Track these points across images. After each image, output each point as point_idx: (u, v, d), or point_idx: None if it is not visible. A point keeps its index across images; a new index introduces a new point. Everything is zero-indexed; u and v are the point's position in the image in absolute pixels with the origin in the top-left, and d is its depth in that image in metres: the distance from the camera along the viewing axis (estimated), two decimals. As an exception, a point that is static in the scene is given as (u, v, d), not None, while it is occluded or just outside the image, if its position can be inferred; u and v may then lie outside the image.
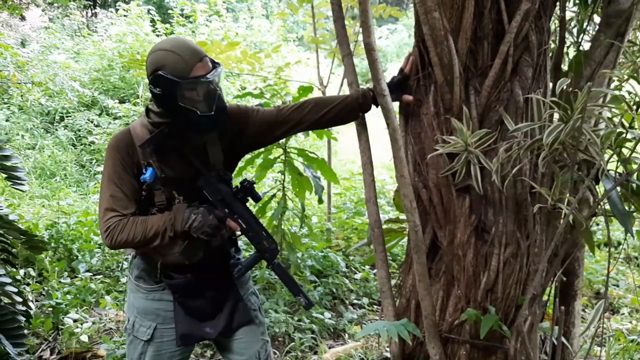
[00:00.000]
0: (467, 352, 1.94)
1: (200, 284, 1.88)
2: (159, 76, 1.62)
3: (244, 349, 1.94)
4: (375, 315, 3.72)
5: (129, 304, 1.93)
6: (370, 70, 1.71)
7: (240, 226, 1.77)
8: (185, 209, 1.70)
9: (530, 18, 1.80)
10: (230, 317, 1.93)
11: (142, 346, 1.88)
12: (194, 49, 1.67)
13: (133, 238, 1.66)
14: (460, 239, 1.88)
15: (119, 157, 1.71)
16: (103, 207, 1.71)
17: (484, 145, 1.76)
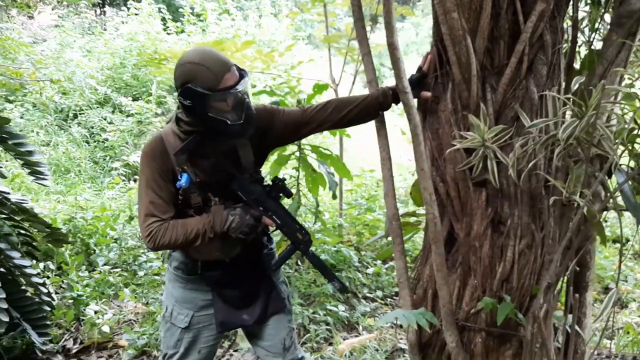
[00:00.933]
0: (483, 340, 2.01)
1: (237, 275, 1.97)
2: (189, 89, 1.67)
3: (271, 335, 2.04)
4: (388, 308, 3.80)
5: (167, 293, 2.02)
6: (393, 68, 1.79)
7: (275, 222, 1.86)
8: (223, 211, 1.79)
9: (545, 18, 1.86)
10: (265, 305, 2.03)
11: (179, 333, 1.99)
12: (221, 60, 1.72)
13: (175, 241, 1.75)
14: (476, 230, 1.95)
15: (154, 165, 1.78)
16: (143, 213, 1.78)
17: (500, 140, 1.83)
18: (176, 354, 2.02)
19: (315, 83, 3.60)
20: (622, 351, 2.82)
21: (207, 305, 1.99)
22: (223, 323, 1.99)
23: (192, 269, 1.95)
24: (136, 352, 3.16)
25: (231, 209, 1.82)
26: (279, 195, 1.91)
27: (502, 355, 2.01)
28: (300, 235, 1.90)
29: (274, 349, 2.07)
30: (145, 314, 3.60)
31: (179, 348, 2.01)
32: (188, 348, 2.01)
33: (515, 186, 1.88)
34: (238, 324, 2.03)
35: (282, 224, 1.88)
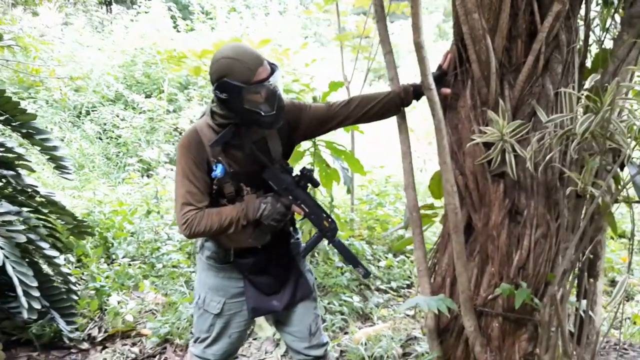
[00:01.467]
0: (500, 325, 2.12)
1: (267, 263, 2.07)
2: (225, 83, 1.78)
3: (298, 320, 2.14)
4: (400, 299, 3.90)
5: (200, 281, 2.12)
6: (419, 66, 1.89)
7: (303, 211, 1.96)
8: (256, 199, 1.90)
9: (560, 18, 1.96)
10: (293, 291, 2.12)
11: (211, 319, 2.09)
12: (255, 54, 1.82)
13: (210, 228, 1.85)
14: (494, 221, 2.06)
15: (190, 156, 1.88)
16: (180, 202, 1.88)
17: (518, 135, 1.93)
18: (208, 337, 2.12)
19: (331, 81, 3.70)
20: (629, 339, 2.93)
21: (239, 293, 2.09)
22: (255, 309, 2.09)
23: (225, 258, 2.05)
24: (159, 339, 3.27)
25: (263, 198, 1.92)
26: (307, 185, 2.01)
27: (518, 339, 2.12)
28: (327, 223, 2.00)
29: (300, 334, 2.17)
30: (165, 304, 3.71)
31: (211, 333, 2.11)
32: (219, 333, 2.11)
33: (532, 178, 1.98)
34: (268, 310, 2.12)
35: (310, 212, 1.98)
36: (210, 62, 1.88)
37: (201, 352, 2.15)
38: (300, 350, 2.18)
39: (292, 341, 2.19)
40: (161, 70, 7.44)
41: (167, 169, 5.55)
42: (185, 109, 7.32)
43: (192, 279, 4.01)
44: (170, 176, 5.49)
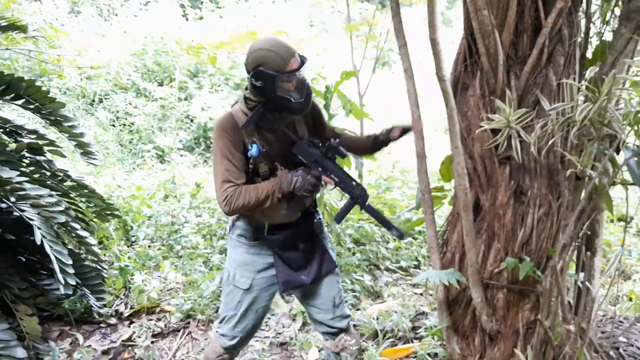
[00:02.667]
0: (505, 296, 2.32)
1: (295, 239, 2.24)
2: (261, 72, 1.95)
3: (323, 293, 2.31)
4: (409, 278, 4.10)
5: (230, 259, 2.29)
6: (434, 60, 2.07)
7: (333, 180, 2.10)
8: (288, 173, 2.06)
9: (563, 14, 2.13)
10: (319, 266, 2.29)
11: (240, 294, 2.25)
12: (287, 47, 2.00)
13: (248, 202, 2.01)
14: (500, 200, 2.24)
15: (227, 137, 2.04)
16: (220, 180, 2.04)
17: (523, 122, 2.11)
18: (235, 315, 2.27)
19: (343, 70, 3.87)
20: (624, 313, 3.13)
21: (266, 268, 2.25)
22: (285, 282, 2.24)
23: (256, 234, 2.21)
24: (182, 315, 3.48)
25: (294, 172, 2.08)
26: (334, 156, 2.15)
27: (522, 309, 2.32)
28: (357, 190, 2.13)
29: (325, 306, 2.33)
30: (185, 283, 3.92)
31: (239, 309, 2.26)
32: (247, 309, 2.27)
33: (535, 161, 2.16)
34: (298, 283, 2.26)
35: (340, 181, 2.12)
36: (247, 52, 2.04)
37: (229, 331, 2.30)
38: (325, 322, 2.34)
39: (317, 313, 2.35)
40: (172, 58, 7.59)
41: (182, 155, 5.73)
42: (196, 97, 7.48)
43: (210, 260, 4.22)
44: (184, 162, 5.67)
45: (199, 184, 5.14)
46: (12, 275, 3.14)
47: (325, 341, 2.44)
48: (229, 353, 2.38)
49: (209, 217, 4.81)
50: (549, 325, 2.00)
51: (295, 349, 3.15)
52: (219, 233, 4.63)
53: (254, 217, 2.18)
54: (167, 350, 3.19)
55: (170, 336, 3.34)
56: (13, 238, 3.36)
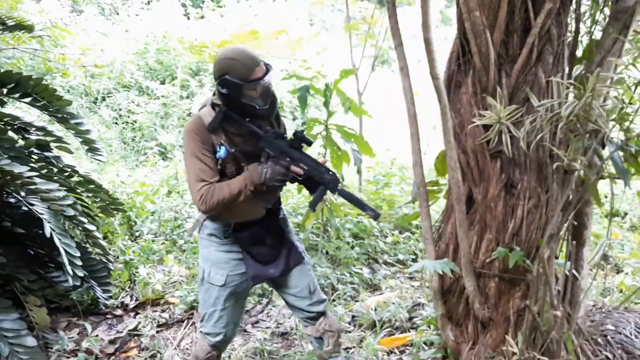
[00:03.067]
0: (496, 284, 2.42)
1: (262, 235, 2.33)
2: (226, 80, 2.04)
3: (296, 282, 2.40)
4: (406, 272, 4.21)
5: (203, 258, 2.35)
6: (427, 59, 2.17)
7: (302, 169, 2.16)
8: (257, 166, 2.14)
9: (552, 15, 2.23)
10: (287, 259, 2.38)
11: (217, 291, 2.32)
12: (252, 56, 2.09)
13: (223, 199, 2.08)
14: (492, 193, 2.35)
15: (197, 138, 2.10)
16: (193, 180, 2.10)
17: (513, 118, 2.20)
18: (215, 311, 2.35)
19: (342, 69, 3.97)
20: (615, 303, 3.23)
21: (238, 264, 2.32)
22: (255, 276, 2.33)
23: (225, 233, 2.28)
24: (186, 307, 3.58)
25: (264, 164, 2.16)
26: (301, 145, 2.23)
27: (512, 296, 2.42)
28: (327, 176, 2.19)
29: (302, 294, 2.42)
30: (189, 276, 4.02)
31: (217, 305, 2.34)
32: (224, 304, 2.34)
33: (525, 156, 2.26)
34: (267, 276, 2.36)
35: (309, 169, 2.18)
36: (215, 61, 2.13)
37: (212, 328, 2.38)
38: (304, 307, 2.44)
39: (295, 301, 2.44)
40: (174, 57, 7.68)
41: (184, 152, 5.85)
42: (197, 95, 7.58)
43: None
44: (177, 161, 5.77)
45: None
46: (21, 268, 3.25)
47: (306, 328, 2.53)
48: (217, 349, 2.46)
49: (211, 213, 4.91)
50: (537, 311, 2.10)
51: (296, 338, 3.26)
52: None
53: (222, 216, 2.24)
54: (172, 339, 3.29)
55: (174, 327, 3.45)
56: (22, 231, 3.47)
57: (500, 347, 2.43)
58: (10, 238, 3.33)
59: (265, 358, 3.06)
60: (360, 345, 3.13)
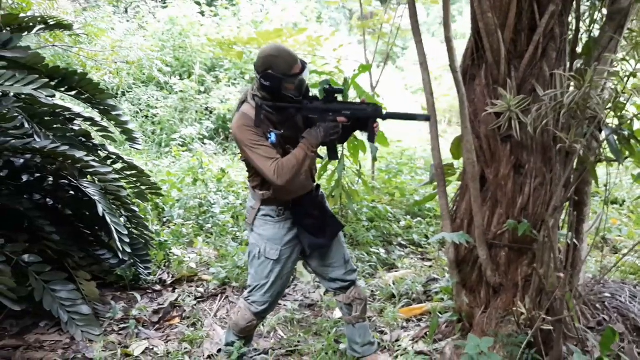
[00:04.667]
0: (506, 254, 2.74)
1: (310, 209, 2.66)
2: (269, 74, 2.35)
3: (335, 252, 2.73)
4: (421, 250, 4.54)
5: (257, 237, 2.63)
6: (448, 55, 2.48)
7: (345, 116, 2.45)
8: (311, 131, 2.44)
9: (555, 16, 2.54)
10: (331, 228, 2.71)
11: (271, 265, 2.62)
12: (292, 54, 2.40)
13: (292, 168, 2.39)
14: (502, 173, 2.67)
15: (251, 130, 2.41)
16: (262, 163, 2.39)
17: (522, 106, 2.52)
18: (267, 283, 2.64)
19: (360, 64, 4.29)
20: (612, 277, 3.56)
21: (291, 239, 2.63)
22: (311, 245, 2.65)
23: (279, 212, 2.60)
24: (219, 283, 3.91)
25: (315, 128, 2.45)
26: (335, 97, 2.50)
27: (520, 264, 2.74)
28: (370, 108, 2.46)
29: (338, 263, 2.75)
30: (218, 256, 4.36)
31: (270, 277, 2.64)
32: (277, 276, 2.65)
33: (532, 139, 2.58)
34: (321, 245, 2.68)
35: (351, 113, 2.46)
36: (258, 57, 2.43)
37: (260, 298, 2.67)
38: (340, 277, 2.76)
39: (332, 271, 2.75)
40: (191, 54, 8.00)
41: (205, 144, 6.17)
42: (214, 90, 7.91)
43: (238, 237, 4.65)
44: (207, 150, 6.09)
45: (224, 169, 5.57)
46: (72, 246, 3.57)
47: (337, 296, 2.84)
48: (259, 317, 2.75)
49: (235, 199, 5.24)
50: (543, 274, 2.42)
51: (322, 309, 3.59)
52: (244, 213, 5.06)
53: (280, 196, 2.56)
54: (209, 311, 3.62)
55: (209, 300, 3.78)
56: (70, 213, 3.80)
57: (509, 310, 2.75)
58: (62, 219, 3.65)
59: (295, 326, 3.39)
60: (381, 315, 3.45)
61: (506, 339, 2.60)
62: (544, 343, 2.59)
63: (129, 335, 3.26)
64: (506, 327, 2.71)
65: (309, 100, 2.50)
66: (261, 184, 2.60)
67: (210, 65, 8.28)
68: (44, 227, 3.32)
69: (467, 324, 2.97)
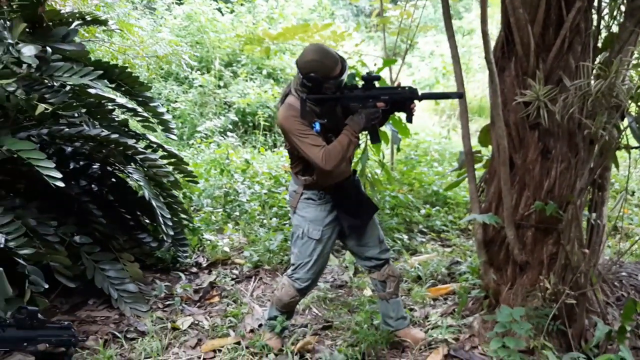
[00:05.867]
0: (533, 233, 2.94)
1: (348, 192, 2.87)
2: (312, 77, 2.54)
3: (371, 232, 2.94)
4: (439, 240, 4.75)
5: (300, 219, 2.83)
6: (484, 47, 2.69)
7: (384, 101, 2.64)
8: (353, 118, 2.64)
9: (581, 12, 2.74)
10: (367, 211, 2.92)
11: (313, 244, 2.83)
12: (334, 57, 2.57)
13: (339, 154, 2.59)
14: (530, 158, 2.87)
15: (298, 120, 2.61)
16: (310, 150, 2.59)
17: (549, 96, 2.71)
18: (310, 261, 2.85)
19: (385, 58, 4.49)
20: (627, 259, 3.77)
21: (331, 221, 2.84)
22: (350, 226, 2.86)
23: (321, 195, 2.81)
24: (252, 265, 4.13)
25: (356, 114, 2.64)
26: (373, 84, 2.69)
27: (546, 243, 2.94)
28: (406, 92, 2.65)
29: (373, 242, 2.96)
30: (248, 242, 4.57)
31: (313, 256, 2.84)
32: (319, 255, 2.85)
33: (558, 126, 2.78)
34: (358, 225, 2.89)
35: (389, 97, 2.66)
36: (302, 59, 2.59)
37: (303, 275, 2.87)
38: (375, 256, 2.96)
39: (368, 250, 2.96)
40: (209, 50, 8.20)
41: (229, 136, 6.38)
42: (232, 84, 8.12)
43: (265, 225, 4.87)
44: (230, 143, 6.30)
45: (248, 160, 5.79)
46: (116, 230, 3.78)
47: (371, 274, 3.05)
48: (301, 293, 2.96)
49: (260, 189, 5.45)
50: (569, 250, 2.62)
51: (352, 289, 3.80)
52: (269, 202, 5.27)
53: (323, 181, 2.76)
54: (245, 291, 3.83)
55: (244, 282, 3.99)
56: (112, 198, 4.01)
57: (535, 286, 2.95)
58: (106, 203, 3.86)
59: (328, 304, 3.60)
60: (409, 295, 3.66)
61: (533, 311, 2.80)
62: (568, 316, 2.79)
63: (173, 311, 3.47)
64: (532, 301, 2.91)
65: (349, 89, 2.69)
66: (303, 170, 2.80)
67: (227, 61, 8.48)
68: (92, 211, 3.54)
69: (493, 300, 3.17)
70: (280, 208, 5.08)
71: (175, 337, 3.16)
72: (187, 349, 3.06)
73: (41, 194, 3.36)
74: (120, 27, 5.45)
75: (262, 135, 7.57)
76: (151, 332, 3.12)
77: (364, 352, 2.90)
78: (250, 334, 3.17)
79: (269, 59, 7.73)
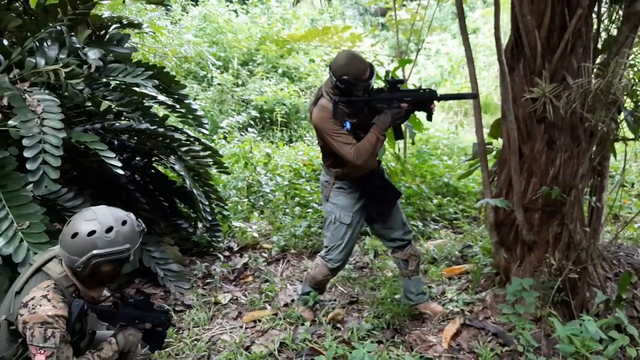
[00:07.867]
0: (540, 216, 3.29)
1: (375, 180, 3.22)
2: (344, 79, 2.86)
3: (394, 216, 3.28)
4: (451, 227, 5.10)
5: (332, 205, 3.17)
6: (496, 50, 3.04)
7: (407, 102, 2.97)
8: (380, 117, 2.96)
9: (582, 18, 3.08)
10: (391, 197, 3.27)
11: (344, 229, 3.17)
12: (364, 62, 2.93)
13: (368, 150, 2.92)
14: (537, 148, 3.21)
15: (331, 120, 2.94)
16: (342, 147, 2.92)
17: (554, 92, 3.05)
18: (342, 244, 3.18)
19: (400, 58, 4.84)
20: (626, 242, 4.11)
21: (359, 207, 3.18)
22: (378, 212, 3.23)
23: (350, 184, 3.15)
24: (279, 249, 4.49)
25: (382, 114, 2.96)
26: (398, 87, 3.02)
27: (552, 225, 3.28)
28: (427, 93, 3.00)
29: (397, 225, 3.30)
30: (274, 229, 4.93)
31: (344, 239, 3.18)
32: (349, 238, 3.20)
33: (562, 120, 3.12)
34: (384, 210, 3.24)
35: (412, 99, 2.98)
36: (335, 63, 2.93)
37: (336, 256, 3.22)
38: (399, 237, 3.31)
39: (392, 232, 3.29)
40: (225, 50, 8.57)
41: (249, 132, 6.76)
42: (249, 83, 8.50)
43: (288, 213, 5.22)
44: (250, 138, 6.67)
45: (269, 153, 6.16)
46: (157, 216, 4.14)
47: (395, 253, 3.39)
48: (333, 272, 3.33)
49: (282, 180, 5.82)
50: (572, 228, 2.97)
51: (374, 270, 4.16)
52: (291, 193, 5.63)
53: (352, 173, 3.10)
54: (275, 272, 4.19)
55: (273, 264, 4.35)
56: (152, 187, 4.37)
57: (542, 262, 3.30)
58: (148, 192, 4.22)
59: (353, 283, 3.96)
60: (426, 275, 4.02)
61: (540, 285, 3.15)
62: (571, 289, 3.14)
63: (213, 289, 3.84)
64: (539, 276, 3.25)
65: (376, 92, 3.03)
66: (334, 163, 3.15)
67: (243, 60, 8.84)
68: (138, 199, 3.89)
69: (503, 277, 3.52)
70: (302, 198, 5.44)
71: (218, 310, 3.52)
72: (229, 320, 3.43)
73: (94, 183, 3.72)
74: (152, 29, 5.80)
75: (280, 130, 7.94)
76: (196, 305, 3.48)
77: (388, 322, 3.26)
78: (284, 308, 3.53)
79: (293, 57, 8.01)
